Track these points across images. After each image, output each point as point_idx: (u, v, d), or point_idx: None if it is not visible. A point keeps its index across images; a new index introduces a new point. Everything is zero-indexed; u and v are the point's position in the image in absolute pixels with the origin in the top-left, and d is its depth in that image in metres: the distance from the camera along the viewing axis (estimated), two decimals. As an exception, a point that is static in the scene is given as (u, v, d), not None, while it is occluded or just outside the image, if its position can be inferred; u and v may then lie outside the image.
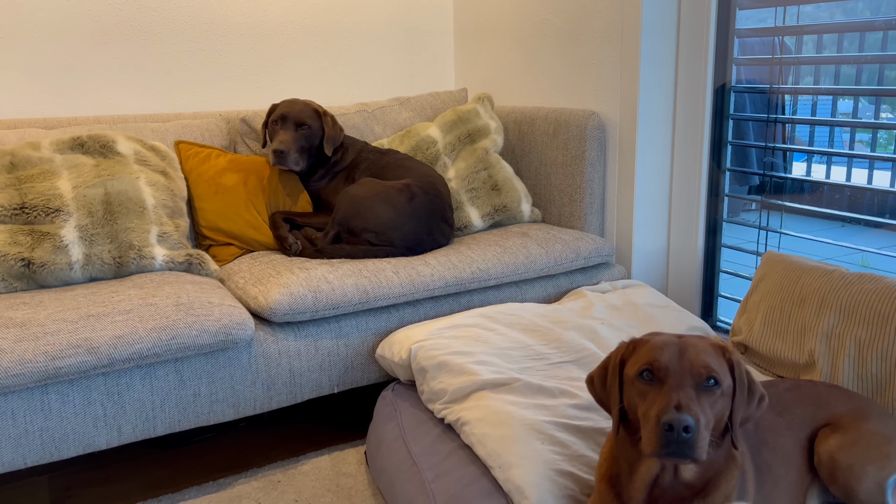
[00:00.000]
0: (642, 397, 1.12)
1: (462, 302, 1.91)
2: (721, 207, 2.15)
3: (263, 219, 2.09)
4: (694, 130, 2.13)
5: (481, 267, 1.92)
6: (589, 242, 2.09)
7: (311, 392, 1.75)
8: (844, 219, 2.23)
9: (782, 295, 1.74)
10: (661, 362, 1.11)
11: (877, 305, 1.56)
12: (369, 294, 1.77)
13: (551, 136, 2.28)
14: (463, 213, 2.20)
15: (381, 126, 2.41)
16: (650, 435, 1.07)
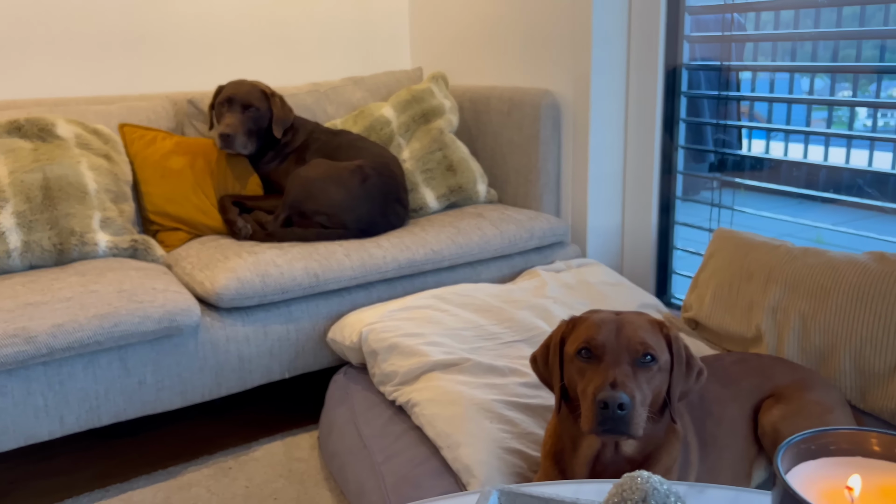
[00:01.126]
0: (581, 375, 1.12)
1: (416, 284, 1.90)
2: (674, 185, 2.16)
3: (212, 202, 2.05)
4: (646, 108, 2.13)
5: (435, 248, 1.91)
6: (543, 222, 2.09)
7: (262, 378, 1.73)
8: (799, 195, 2.25)
9: (731, 271, 1.76)
10: (598, 340, 1.11)
11: (819, 279, 1.58)
12: (320, 277, 1.75)
13: (506, 115, 2.26)
14: (418, 195, 2.18)
15: (334, 106, 2.37)
16: (587, 412, 1.07)
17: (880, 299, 1.49)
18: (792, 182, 2.30)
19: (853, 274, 1.55)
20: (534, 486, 0.67)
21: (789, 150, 2.50)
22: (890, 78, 1.99)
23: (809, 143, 2.73)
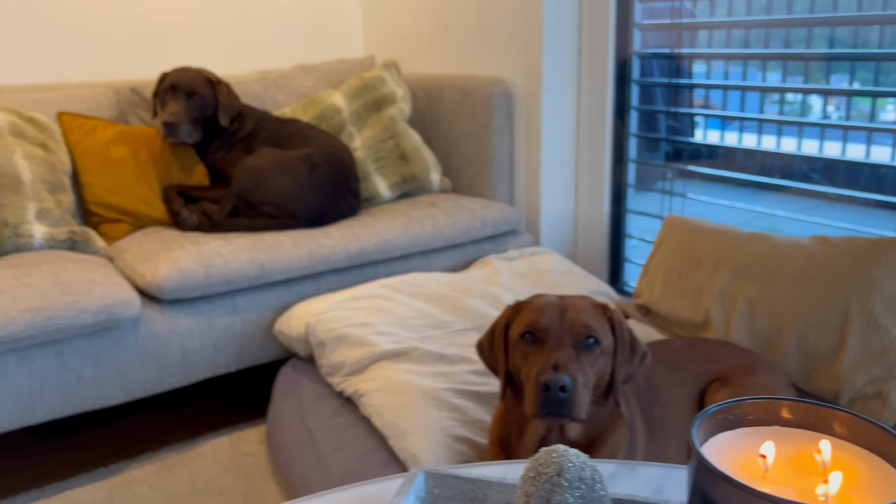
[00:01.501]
0: (525, 359, 1.11)
1: (367, 274, 1.87)
2: (626, 173, 2.16)
3: (156, 193, 1.99)
4: (598, 96, 2.13)
5: (386, 237, 1.88)
6: (496, 211, 2.08)
7: (207, 372, 1.69)
8: (752, 184, 2.28)
9: (680, 257, 1.77)
10: (541, 323, 1.10)
11: (765, 264, 1.59)
12: (266, 268, 1.71)
13: (459, 103, 2.24)
14: (370, 184, 2.15)
15: (284, 94, 2.32)
16: (530, 396, 1.06)
17: (823, 283, 1.51)
18: (745, 171, 2.32)
19: (797, 258, 1.56)
20: (461, 467, 0.65)
21: (743, 140, 2.52)
22: (840, 67, 2.02)
23: (763, 134, 2.76)
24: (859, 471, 0.47)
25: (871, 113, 2.21)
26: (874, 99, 2.28)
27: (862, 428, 0.48)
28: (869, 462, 0.47)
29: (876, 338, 1.45)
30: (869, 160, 2.06)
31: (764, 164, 2.39)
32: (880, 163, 1.87)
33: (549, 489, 0.48)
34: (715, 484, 0.44)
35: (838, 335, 1.48)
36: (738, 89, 2.29)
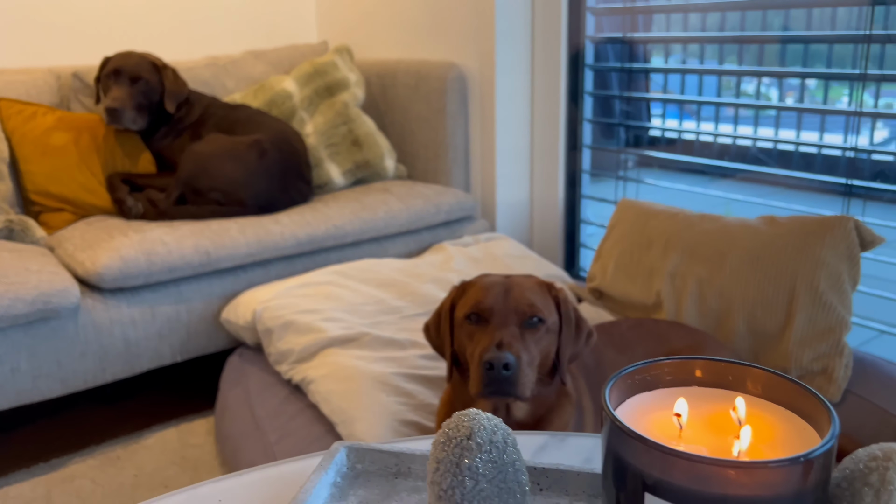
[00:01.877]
0: (470, 339, 1.10)
1: (318, 261, 1.84)
2: (580, 159, 2.16)
3: (99, 181, 1.93)
4: (551, 81, 2.12)
5: (337, 223, 1.85)
6: (450, 197, 2.06)
7: (151, 362, 1.64)
8: (707, 171, 2.29)
9: (632, 239, 1.77)
10: (486, 303, 1.09)
11: (715, 244, 1.60)
12: (211, 255, 1.66)
13: (413, 89, 2.21)
14: (322, 171, 2.11)
15: (234, 81, 2.27)
16: (474, 375, 1.05)
17: (770, 262, 1.52)
18: (701, 157, 2.33)
19: (746, 238, 1.57)
20: (387, 443, 0.63)
21: (700, 128, 2.53)
22: (794, 52, 2.03)
23: (720, 122, 2.79)
24: (774, 426, 0.46)
25: (824, 100, 2.24)
26: (826, 84, 2.31)
27: (777, 384, 0.47)
28: (784, 418, 0.46)
29: (821, 315, 1.47)
30: (821, 142, 2.08)
31: (720, 151, 2.41)
32: (832, 145, 1.90)
33: (459, 453, 0.46)
34: (627, 444, 0.42)
35: (785, 313, 1.49)
36: (693, 73, 2.30)
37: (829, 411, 0.43)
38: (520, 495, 0.46)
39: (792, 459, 0.39)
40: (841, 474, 0.44)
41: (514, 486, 0.46)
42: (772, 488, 0.39)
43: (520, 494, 0.46)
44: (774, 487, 0.39)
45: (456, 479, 0.45)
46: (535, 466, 0.59)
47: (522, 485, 0.47)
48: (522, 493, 0.47)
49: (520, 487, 0.46)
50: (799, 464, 0.39)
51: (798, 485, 0.39)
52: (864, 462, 0.43)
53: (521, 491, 0.46)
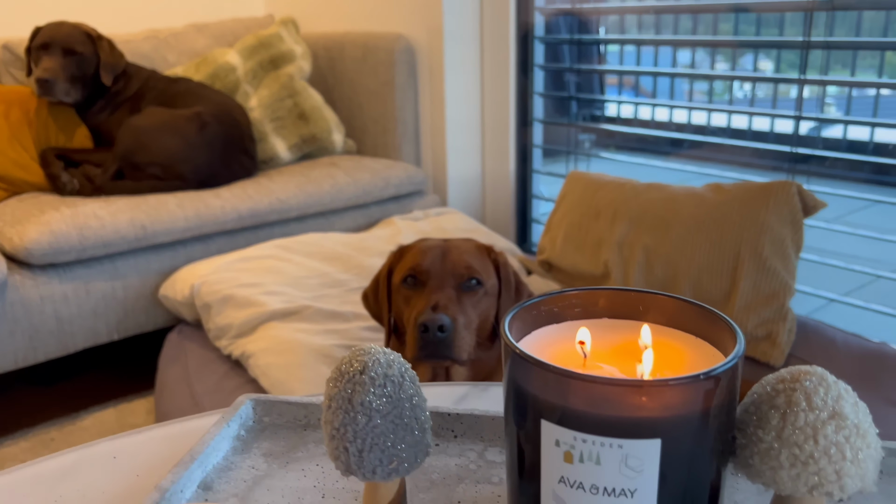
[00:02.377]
0: (407, 303, 1.07)
1: (261, 236, 1.79)
2: (530, 133, 2.14)
3: (32, 156, 1.85)
4: (500, 54, 2.09)
5: (281, 197, 1.80)
6: (400, 171, 2.02)
7: (86, 341, 1.58)
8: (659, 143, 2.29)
9: (581, 210, 1.76)
10: (423, 266, 1.07)
11: (661, 213, 1.59)
12: (147, 230, 1.61)
13: (361, 62, 2.17)
14: (268, 145, 2.05)
15: (175, 54, 2.20)
16: (410, 339, 1.02)
17: (715, 227, 1.52)
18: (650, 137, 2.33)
19: (691, 205, 1.57)
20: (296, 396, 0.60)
21: (656, 114, 2.51)
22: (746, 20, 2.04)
23: (674, 109, 2.79)
24: (681, 352, 0.44)
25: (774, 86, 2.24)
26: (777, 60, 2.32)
27: (685, 311, 0.45)
28: (692, 344, 0.44)
29: (765, 280, 1.47)
30: (773, 121, 2.10)
31: (675, 129, 2.41)
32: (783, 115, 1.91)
33: (351, 388, 0.43)
34: (524, 371, 0.40)
35: (730, 279, 1.50)
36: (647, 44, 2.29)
37: (735, 333, 0.41)
38: (418, 432, 0.44)
39: (693, 377, 0.37)
40: (749, 399, 0.42)
41: (412, 423, 0.43)
42: (673, 409, 0.37)
43: (418, 431, 0.44)
44: (676, 408, 0.37)
45: (348, 416, 0.43)
46: (449, 412, 0.57)
47: (422, 422, 0.44)
48: (422, 430, 0.44)
49: (419, 424, 0.44)
50: (700, 381, 0.37)
51: (700, 406, 0.37)
52: (771, 385, 0.41)
53: (421, 428, 0.44)
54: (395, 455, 0.43)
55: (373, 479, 0.43)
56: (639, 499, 0.38)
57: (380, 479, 0.43)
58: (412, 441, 0.43)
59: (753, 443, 0.40)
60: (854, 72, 2.13)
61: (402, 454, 0.43)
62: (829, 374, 0.40)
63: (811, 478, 0.38)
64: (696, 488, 0.39)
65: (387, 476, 0.43)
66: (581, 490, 0.38)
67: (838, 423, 0.38)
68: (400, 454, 0.43)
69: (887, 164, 1.94)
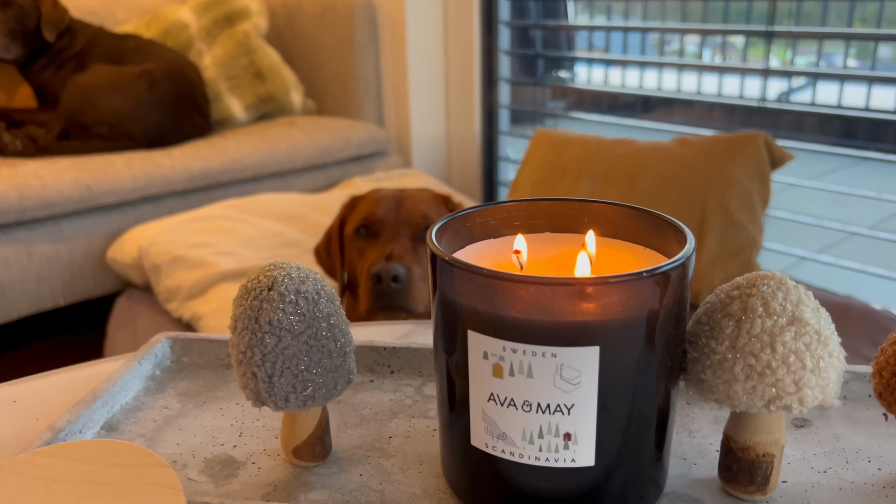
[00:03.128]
0: (360, 255, 1.02)
1: (214, 197, 1.72)
2: (496, 93, 2.09)
3: (-30, 116, 1.76)
4: (464, 10, 2.02)
5: (235, 157, 1.73)
6: (361, 131, 1.96)
7: (31, 307, 1.50)
8: (630, 104, 2.25)
9: (546, 169, 1.71)
10: (376, 216, 1.02)
11: (627, 168, 1.56)
12: (93, 190, 1.53)
13: (320, 18, 2.09)
14: (222, 105, 1.97)
15: (125, 11, 2.10)
16: (363, 291, 0.98)
17: (682, 183, 1.48)
18: (622, 98, 2.28)
19: (658, 160, 1.54)
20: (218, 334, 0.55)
21: (626, 79, 2.46)
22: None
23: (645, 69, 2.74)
24: (626, 262, 0.40)
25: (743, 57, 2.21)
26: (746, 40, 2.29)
27: (633, 219, 0.41)
28: (640, 254, 0.40)
29: (732, 235, 1.45)
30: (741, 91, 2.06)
31: (643, 88, 2.36)
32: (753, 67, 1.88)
33: (258, 306, 0.38)
34: (452, 279, 0.35)
35: (696, 235, 1.46)
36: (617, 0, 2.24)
37: (686, 236, 0.37)
38: (337, 356, 0.39)
39: (635, 275, 0.32)
40: (702, 309, 0.38)
41: (330, 345, 0.38)
42: (613, 313, 0.33)
43: (337, 355, 0.39)
44: (616, 312, 0.33)
45: (255, 337, 0.38)
46: (385, 346, 0.52)
47: (342, 345, 0.39)
48: (341, 353, 0.39)
49: (338, 347, 0.39)
50: (644, 280, 0.33)
51: (645, 310, 0.33)
52: (725, 292, 0.37)
53: (340, 351, 0.39)
54: (311, 380, 0.38)
55: (286, 408, 0.39)
56: (577, 416, 0.34)
57: (294, 407, 0.39)
58: (330, 365, 0.39)
59: (706, 355, 0.36)
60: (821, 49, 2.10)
61: (317, 379, 0.38)
62: (789, 279, 0.36)
63: (768, 390, 0.34)
64: (642, 407, 0.35)
65: (302, 404, 0.38)
66: (513, 408, 0.34)
67: (798, 329, 0.34)
68: (315, 379, 0.38)
69: (854, 123, 1.93)
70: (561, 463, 0.34)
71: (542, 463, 0.35)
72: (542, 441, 0.34)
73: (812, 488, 0.39)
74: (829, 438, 0.43)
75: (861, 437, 0.43)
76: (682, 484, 0.40)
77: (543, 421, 0.34)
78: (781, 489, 0.39)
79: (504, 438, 0.35)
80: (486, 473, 0.37)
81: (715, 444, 0.43)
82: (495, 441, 0.35)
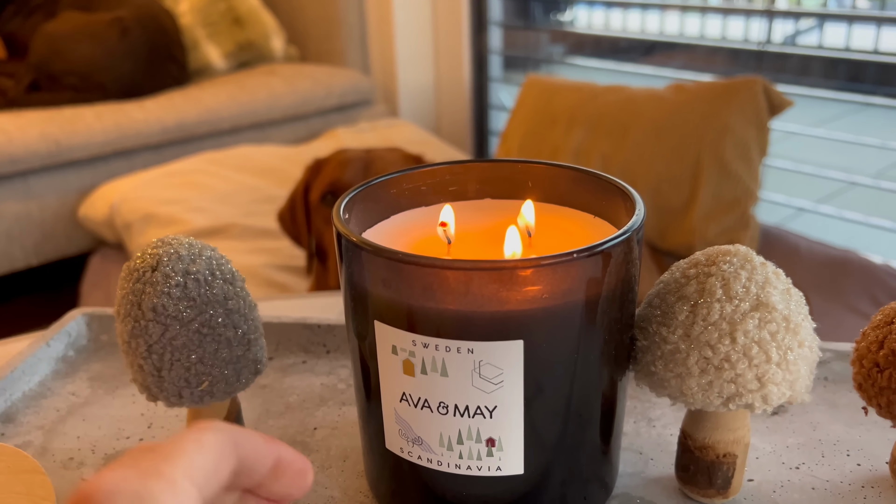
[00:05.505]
0: (328, 223, 0.97)
1: (190, 151, 1.65)
2: (486, 37, 1.99)
3: (-66, 67, 1.68)
4: (453, -52, 1.92)
5: (211, 108, 1.66)
6: (344, 79, 1.88)
7: (2, 266, 1.47)
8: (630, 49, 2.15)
9: (537, 118, 1.64)
10: (343, 181, 0.96)
11: (619, 116, 1.49)
12: (62, 144, 1.47)
13: (300, -40, 1.98)
14: (200, 53, 1.89)
15: (95, -46, 1.99)
16: (334, 263, 0.93)
17: (675, 132, 1.41)
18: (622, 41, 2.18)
19: (651, 108, 1.46)
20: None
21: (628, 22, 2.34)
22: None
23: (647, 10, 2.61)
24: (571, 233, 0.34)
25: None
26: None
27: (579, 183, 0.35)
28: (586, 223, 0.35)
29: (727, 186, 1.38)
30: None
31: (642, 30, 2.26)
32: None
33: (140, 290, 0.33)
34: (358, 260, 0.30)
35: (690, 187, 1.41)
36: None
37: (635, 202, 0.31)
38: (239, 345, 0.34)
39: (565, 256, 0.27)
40: (654, 290, 0.32)
41: (229, 334, 0.33)
42: (539, 300, 0.27)
43: (238, 344, 0.34)
44: (543, 299, 0.27)
45: (139, 326, 0.33)
46: (319, 324, 0.47)
47: (245, 332, 0.34)
48: (243, 342, 0.34)
49: (239, 335, 0.34)
50: (576, 262, 0.27)
51: (580, 295, 0.28)
52: (681, 271, 0.32)
53: (241, 340, 0.34)
54: (206, 373, 0.33)
55: (181, 405, 0.34)
56: (500, 419, 0.29)
57: (189, 403, 0.34)
58: (229, 356, 0.34)
59: (656, 344, 0.31)
60: None
61: (213, 372, 0.33)
62: (756, 255, 0.31)
63: (727, 386, 0.30)
64: (581, 403, 0.30)
65: (198, 401, 0.34)
66: (427, 410, 0.29)
67: (763, 315, 0.29)
68: (211, 372, 0.33)
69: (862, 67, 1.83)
70: (485, 472, 0.30)
71: (463, 471, 0.30)
72: (461, 447, 0.29)
73: (781, 488, 0.35)
74: (804, 427, 0.39)
75: (840, 426, 0.39)
76: (635, 483, 0.35)
77: (462, 425, 0.29)
78: (746, 489, 0.35)
79: (420, 443, 0.30)
80: (404, 479, 0.32)
81: (677, 435, 0.38)
82: (411, 446, 0.30)
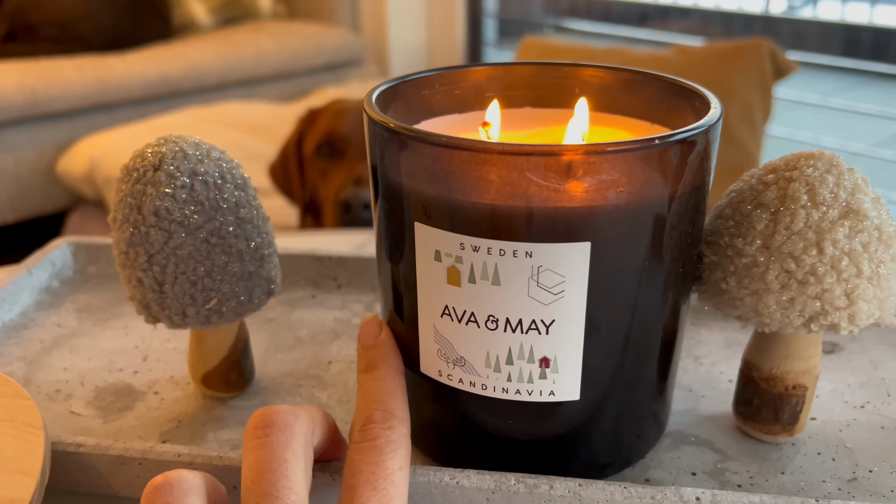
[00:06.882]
0: (323, 176, 0.93)
1: (174, 106, 1.59)
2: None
3: None
4: None
5: (197, 63, 1.59)
6: (334, 37, 1.82)
7: (-24, 222, 1.40)
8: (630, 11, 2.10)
9: (533, 79, 1.60)
10: (340, 131, 0.92)
11: (620, 77, 1.45)
12: (39, 96, 1.40)
13: (290, -87, 1.91)
14: (184, 9, 1.82)
15: None
16: (329, 219, 0.89)
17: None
18: (616, 8, 2.13)
19: (654, 71, 1.42)
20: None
21: None
22: None
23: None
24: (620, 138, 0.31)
25: None
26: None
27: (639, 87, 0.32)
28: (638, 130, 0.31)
29: (729, 151, 1.36)
30: None
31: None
32: None
33: (141, 191, 0.29)
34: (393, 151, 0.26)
35: (691, 151, 1.38)
36: None
37: (710, 102, 0.27)
38: (251, 260, 0.30)
39: (645, 142, 0.23)
40: (725, 200, 0.29)
41: (241, 245, 0.30)
42: (611, 197, 0.24)
43: (251, 259, 0.30)
44: (616, 195, 0.24)
45: (138, 233, 0.29)
46: (330, 256, 0.43)
47: (258, 245, 0.30)
48: (256, 257, 0.30)
49: (251, 249, 0.30)
50: (655, 149, 0.24)
51: (656, 192, 0.24)
52: (757, 177, 0.28)
53: (254, 254, 0.30)
54: (214, 290, 0.29)
55: (185, 325, 0.30)
56: (557, 336, 0.25)
57: (195, 324, 0.30)
58: (241, 271, 0.30)
59: (729, 258, 0.27)
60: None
61: (223, 288, 0.29)
62: (841, 160, 0.28)
63: (810, 303, 0.26)
64: (644, 324, 0.27)
65: (205, 321, 0.30)
66: (473, 325, 0.26)
67: (853, 224, 0.26)
68: (220, 288, 0.29)
69: (858, 34, 1.81)
70: (536, 396, 0.26)
71: (511, 396, 0.26)
72: (510, 368, 0.26)
73: (847, 427, 0.32)
74: (864, 366, 0.36)
75: (903, 365, 0.36)
76: (688, 421, 0.32)
77: (514, 342, 0.25)
78: (811, 428, 0.32)
79: (462, 364, 0.26)
80: (439, 409, 0.29)
81: (727, 373, 0.35)
82: (451, 368, 0.27)
